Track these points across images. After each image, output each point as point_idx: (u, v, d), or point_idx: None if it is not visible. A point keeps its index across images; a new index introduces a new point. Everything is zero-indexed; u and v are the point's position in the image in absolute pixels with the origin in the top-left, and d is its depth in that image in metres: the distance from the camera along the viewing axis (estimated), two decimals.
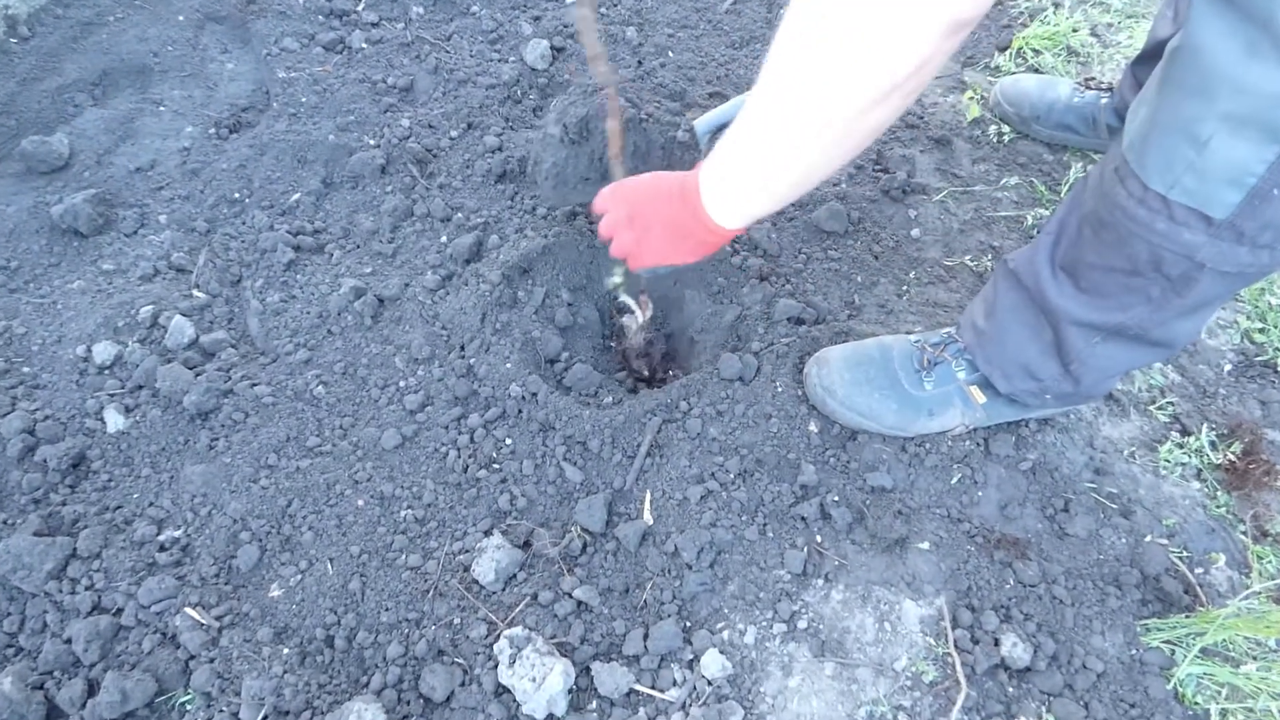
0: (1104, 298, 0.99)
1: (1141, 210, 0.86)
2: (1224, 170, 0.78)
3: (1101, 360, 1.06)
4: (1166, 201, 0.84)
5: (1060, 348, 1.07)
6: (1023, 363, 1.12)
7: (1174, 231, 0.85)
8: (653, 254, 1.03)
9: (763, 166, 0.86)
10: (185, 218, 1.51)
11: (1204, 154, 0.78)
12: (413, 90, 1.74)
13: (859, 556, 1.15)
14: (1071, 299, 1.02)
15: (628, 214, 1.04)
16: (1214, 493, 1.27)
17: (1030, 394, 1.16)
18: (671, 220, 0.99)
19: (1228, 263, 0.85)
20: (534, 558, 1.12)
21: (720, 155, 0.90)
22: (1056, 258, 1.03)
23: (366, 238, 1.49)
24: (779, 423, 1.24)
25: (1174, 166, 0.81)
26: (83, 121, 1.66)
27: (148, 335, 1.33)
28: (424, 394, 1.27)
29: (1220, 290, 0.92)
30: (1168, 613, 1.12)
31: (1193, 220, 0.83)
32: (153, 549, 1.11)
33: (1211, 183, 0.80)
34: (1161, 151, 0.82)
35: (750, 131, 0.85)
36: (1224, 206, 0.80)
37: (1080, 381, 1.10)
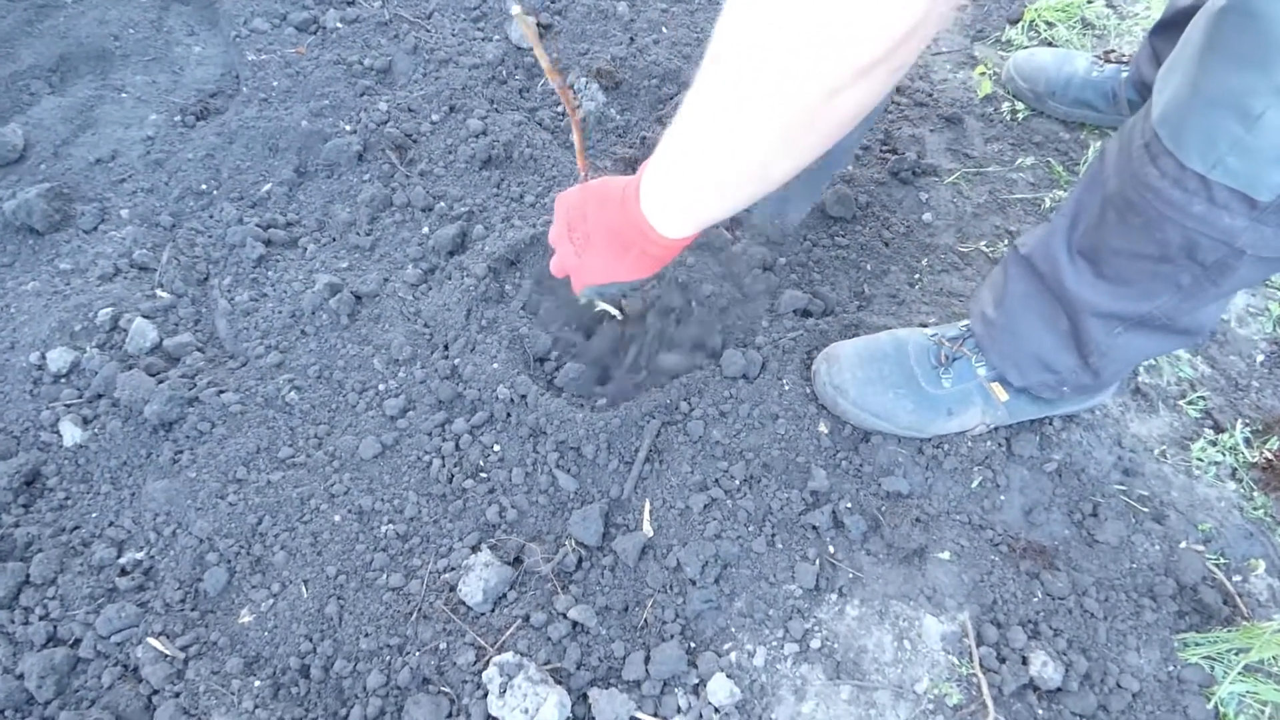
0: (1128, 286, 0.91)
1: (1176, 192, 0.78)
2: (1276, 147, 0.70)
3: (1123, 351, 0.98)
4: (1206, 182, 0.76)
5: (1078, 338, 0.99)
6: (1037, 354, 1.04)
7: (1213, 215, 0.77)
8: (594, 269, 0.88)
9: (713, 161, 0.69)
10: (149, 212, 1.41)
11: (1255, 130, 0.70)
12: (391, 72, 1.63)
13: (875, 568, 1.07)
14: (1091, 287, 0.94)
15: (567, 224, 0.90)
16: (1250, 493, 1.19)
17: (1046, 387, 1.08)
18: (611, 229, 0.84)
19: (1270, 248, 0.77)
20: (525, 575, 1.04)
21: (662, 153, 0.74)
22: (1074, 242, 0.95)
23: (343, 230, 1.39)
24: (786, 424, 1.16)
25: (1217, 144, 0.73)
26: (39, 110, 1.56)
27: (107, 340, 1.23)
28: (405, 398, 1.18)
29: (1256, 276, 0.84)
30: (1206, 625, 1.05)
31: (1234, 203, 0.75)
32: (113, 573, 1.03)
33: (1260, 162, 0.72)
34: (1203, 127, 0.74)
35: (697, 118, 0.68)
36: (1271, 188, 0.72)
37: (1100, 374, 1.03)
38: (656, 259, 0.84)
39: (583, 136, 0.95)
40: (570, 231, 0.89)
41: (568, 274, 0.95)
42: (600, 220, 0.86)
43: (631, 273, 0.86)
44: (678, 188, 0.75)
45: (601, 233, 0.86)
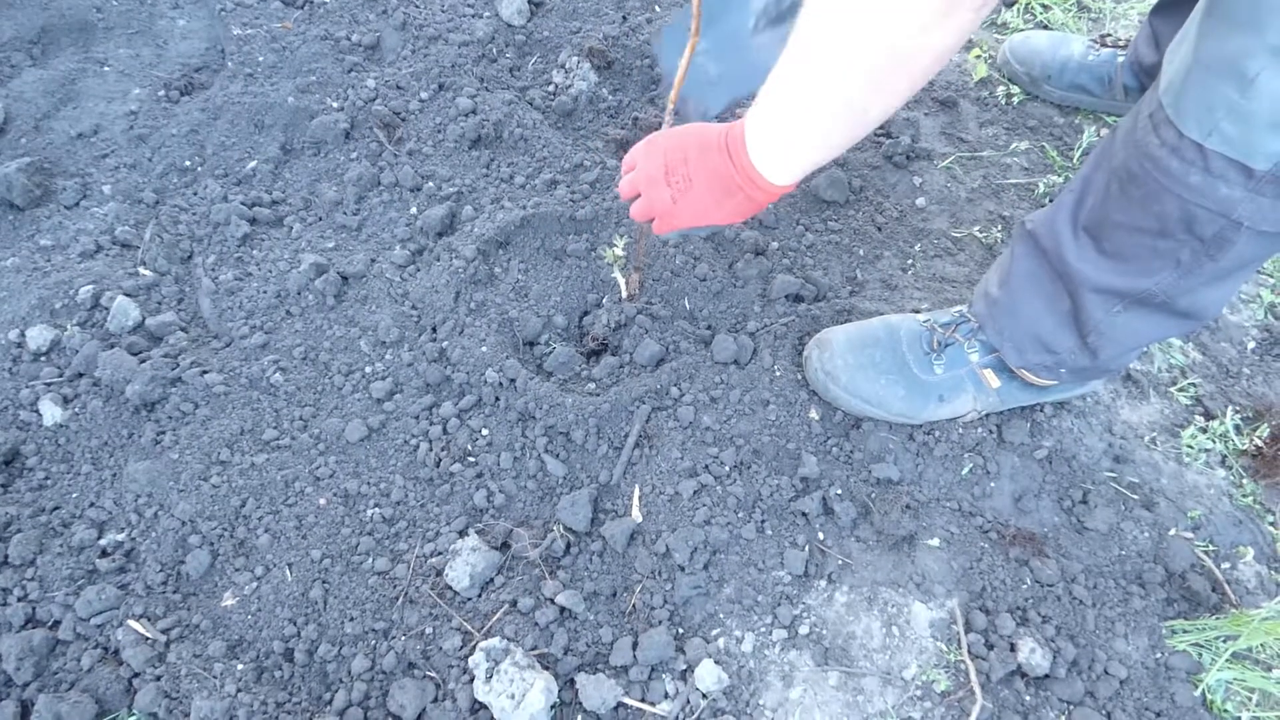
0: (1128, 261, 0.90)
1: (1174, 161, 0.77)
2: (1271, 112, 0.69)
3: (1121, 331, 0.98)
4: (1202, 151, 0.75)
5: (1078, 317, 0.99)
6: (1037, 334, 1.04)
7: (1209, 186, 0.76)
8: (692, 213, 0.90)
9: (813, 105, 0.74)
10: (131, 188, 1.39)
11: (1249, 93, 0.69)
12: (379, 48, 1.60)
13: (864, 555, 1.06)
14: (1092, 263, 0.93)
15: (664, 166, 0.90)
16: (1240, 481, 1.19)
17: (1044, 367, 1.07)
18: (716, 174, 0.86)
19: (1268, 221, 0.77)
20: (513, 560, 1.03)
21: (764, 101, 0.78)
22: (1080, 217, 0.94)
23: (329, 209, 1.37)
24: (777, 410, 1.15)
25: (1214, 109, 0.72)
26: (19, 83, 1.52)
27: (88, 318, 1.21)
28: (392, 381, 1.16)
29: (1257, 253, 0.83)
30: (1195, 613, 1.05)
31: (1231, 172, 0.74)
32: (93, 554, 1.01)
33: (1255, 128, 0.71)
34: (1201, 92, 0.73)
35: (796, 64, 0.73)
36: (1267, 157, 0.72)
37: (1098, 355, 1.02)
38: (757, 204, 0.87)
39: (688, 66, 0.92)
40: (668, 174, 0.89)
41: (652, 217, 0.94)
42: (703, 165, 0.87)
43: (730, 217, 0.89)
44: (783, 133, 0.79)
45: (705, 177, 0.87)
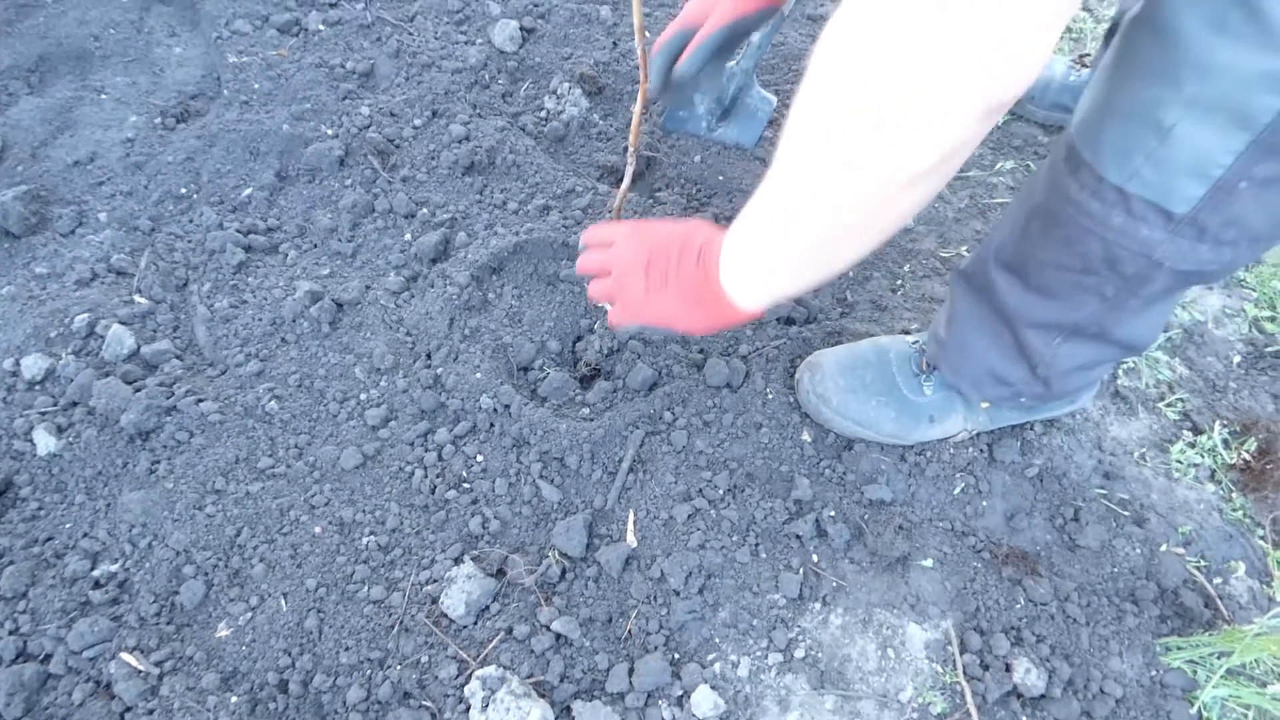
0: (1055, 297, 0.91)
1: (1096, 204, 0.78)
2: (1188, 160, 0.71)
3: (1065, 361, 0.99)
4: (1124, 194, 0.76)
5: (1023, 351, 1.00)
6: (988, 369, 1.04)
7: (1131, 227, 0.78)
8: (660, 312, 0.90)
9: (784, 247, 0.75)
10: (127, 215, 1.39)
11: (1166, 142, 0.71)
12: (373, 75, 1.62)
13: (858, 577, 1.07)
14: (1022, 299, 0.95)
15: (649, 258, 0.89)
16: (1230, 495, 1.20)
17: (1003, 399, 1.08)
18: (692, 283, 0.86)
19: (1187, 261, 0.78)
20: (508, 587, 1.03)
21: (743, 228, 0.79)
22: (1005, 257, 0.96)
23: (324, 236, 1.38)
24: (770, 433, 1.15)
25: (1132, 156, 0.74)
26: (17, 111, 1.53)
27: (83, 346, 1.21)
28: (387, 407, 1.17)
29: (1176, 286, 0.85)
30: (1188, 629, 1.05)
31: (1151, 215, 0.76)
32: (86, 586, 1.01)
33: (1173, 174, 0.72)
34: (1118, 140, 0.75)
35: (769, 215, 0.75)
36: (1186, 200, 0.73)
37: (1050, 384, 1.03)
38: (724, 322, 0.88)
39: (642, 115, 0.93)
40: (649, 267, 0.89)
41: (610, 299, 0.94)
42: (682, 269, 0.87)
43: (695, 327, 0.90)
44: (756, 265, 0.80)
45: (682, 281, 0.87)
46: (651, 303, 0.90)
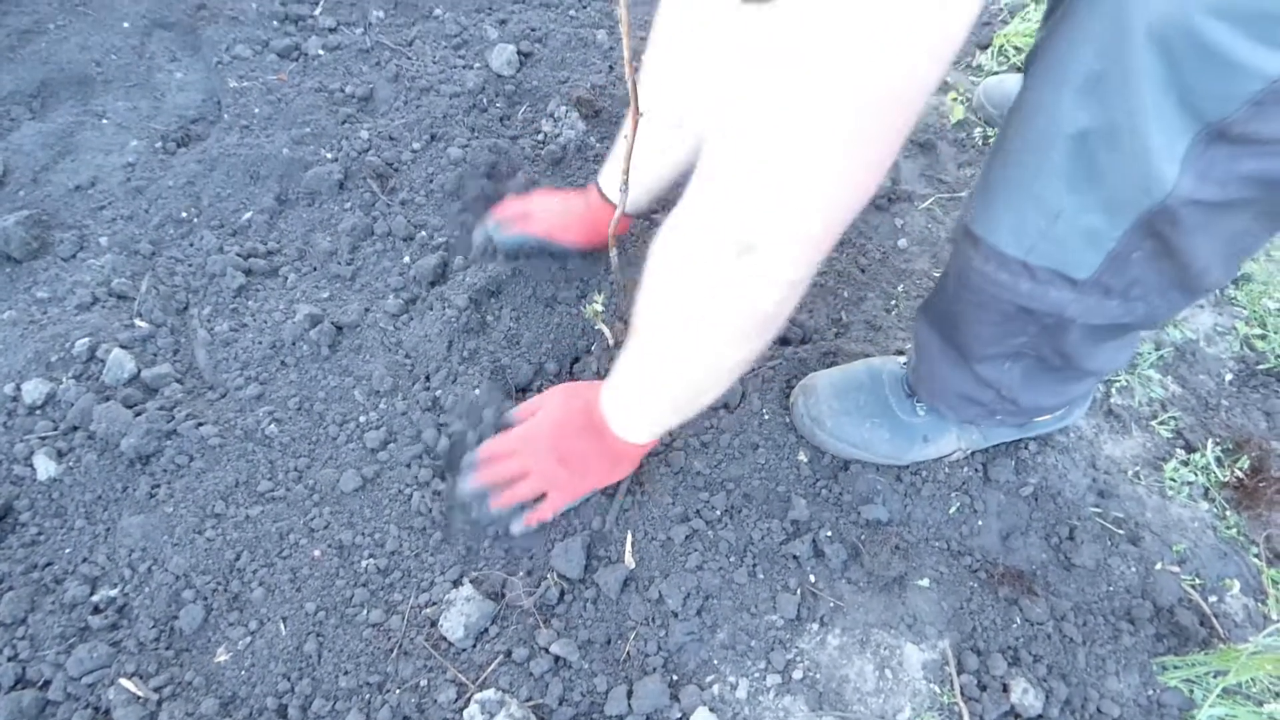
0: (985, 343, 0.94)
1: (1003, 274, 0.81)
2: (1080, 239, 0.74)
3: (1020, 380, 1.00)
4: (1027, 265, 0.79)
5: (980, 379, 1.02)
6: (959, 393, 1.06)
7: (1039, 291, 0.81)
8: (589, 485, 1.05)
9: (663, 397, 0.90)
10: (128, 240, 1.41)
11: (1056, 224, 0.74)
12: (372, 99, 1.64)
13: (856, 597, 1.07)
14: (956, 342, 0.98)
15: (556, 453, 1.01)
16: (1224, 513, 1.21)
17: (981, 418, 1.10)
18: (600, 451, 1.00)
19: (1098, 316, 0.81)
20: (507, 609, 1.04)
21: (620, 386, 0.94)
22: (931, 309, 1.00)
23: (323, 259, 1.39)
24: (767, 453, 1.16)
25: (1028, 234, 0.77)
26: (18, 136, 1.55)
27: (84, 370, 1.22)
28: (386, 430, 1.18)
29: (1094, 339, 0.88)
30: (1184, 648, 1.06)
31: (1056, 280, 0.79)
32: (85, 611, 1.01)
33: (1069, 249, 0.76)
34: (1012, 222, 0.78)
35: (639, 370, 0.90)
36: (1086, 268, 0.76)
37: (1019, 402, 1.04)
38: (632, 461, 1.04)
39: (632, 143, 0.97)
40: (563, 459, 1.01)
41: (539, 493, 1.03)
42: (589, 447, 1.00)
43: (616, 478, 1.06)
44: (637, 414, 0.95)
45: (595, 457, 1.01)
46: (583, 483, 1.04)
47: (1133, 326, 0.86)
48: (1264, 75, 0.57)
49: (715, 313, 0.75)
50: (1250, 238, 0.74)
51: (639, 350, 0.88)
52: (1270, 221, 0.72)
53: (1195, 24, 0.56)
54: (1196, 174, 0.64)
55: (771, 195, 0.64)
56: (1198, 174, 0.64)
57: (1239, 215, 0.69)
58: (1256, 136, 0.61)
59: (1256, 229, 0.72)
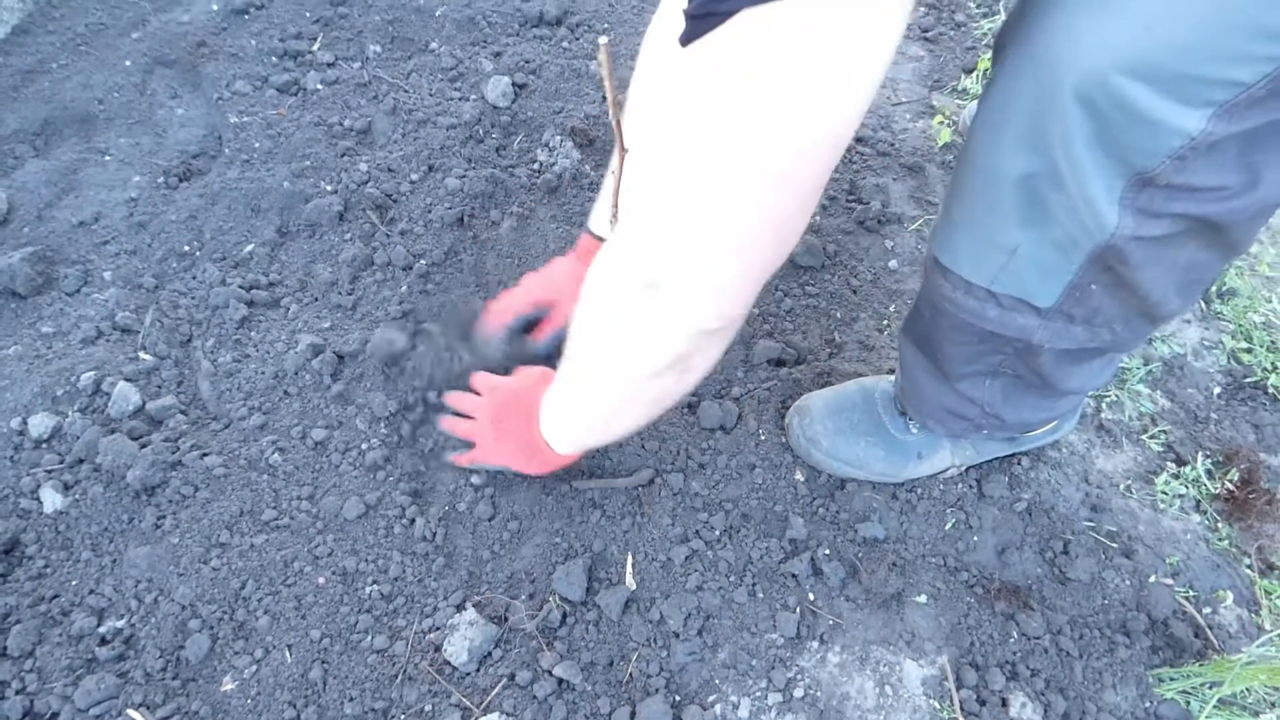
0: (962, 363, 0.97)
1: (971, 301, 0.84)
2: (1038, 272, 0.77)
3: (1000, 396, 1.02)
4: (992, 293, 0.82)
5: (962, 395, 1.04)
6: (944, 408, 1.08)
7: (1007, 317, 0.83)
8: (501, 457, 1.10)
9: (575, 413, 0.96)
10: (131, 274, 1.43)
11: (1015, 258, 0.77)
12: (371, 132, 1.67)
13: (854, 614, 1.09)
14: (934, 359, 1.00)
15: (494, 415, 1.11)
16: (1215, 525, 1.23)
17: (969, 432, 1.11)
18: (523, 437, 1.06)
19: (1066, 341, 0.84)
20: (510, 633, 1.05)
21: (551, 395, 1.00)
22: (910, 331, 1.03)
23: (324, 289, 1.41)
24: (764, 473, 1.18)
25: (989, 265, 0.80)
26: (23, 174, 1.58)
27: (89, 404, 1.24)
28: (388, 456, 1.19)
29: (1064, 362, 0.90)
30: (1180, 660, 1.07)
31: (1021, 307, 0.82)
32: (92, 643, 1.02)
33: (1029, 280, 0.78)
34: (974, 254, 0.81)
35: (565, 386, 0.96)
36: (1047, 297, 0.79)
37: (1002, 417, 1.06)
38: (552, 464, 1.07)
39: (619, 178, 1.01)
40: (497, 422, 1.10)
41: (470, 439, 1.13)
42: (517, 427, 1.07)
43: (526, 469, 1.10)
44: (558, 427, 1.00)
45: (516, 435, 1.07)
46: (497, 449, 1.10)
47: (1104, 350, 0.89)
48: (1183, 132, 0.60)
49: (624, 345, 0.78)
50: (1202, 267, 0.77)
51: (565, 369, 0.93)
52: (1217, 251, 0.75)
53: (1114, 84, 0.59)
54: (1135, 213, 0.67)
55: (678, 237, 0.67)
56: (1136, 213, 0.67)
57: (1185, 247, 0.72)
58: (1185, 185, 0.64)
59: (1206, 258, 0.75)
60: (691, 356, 0.77)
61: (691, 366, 0.79)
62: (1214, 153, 0.61)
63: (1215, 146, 0.61)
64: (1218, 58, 0.56)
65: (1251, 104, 0.58)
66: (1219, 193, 0.65)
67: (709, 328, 0.73)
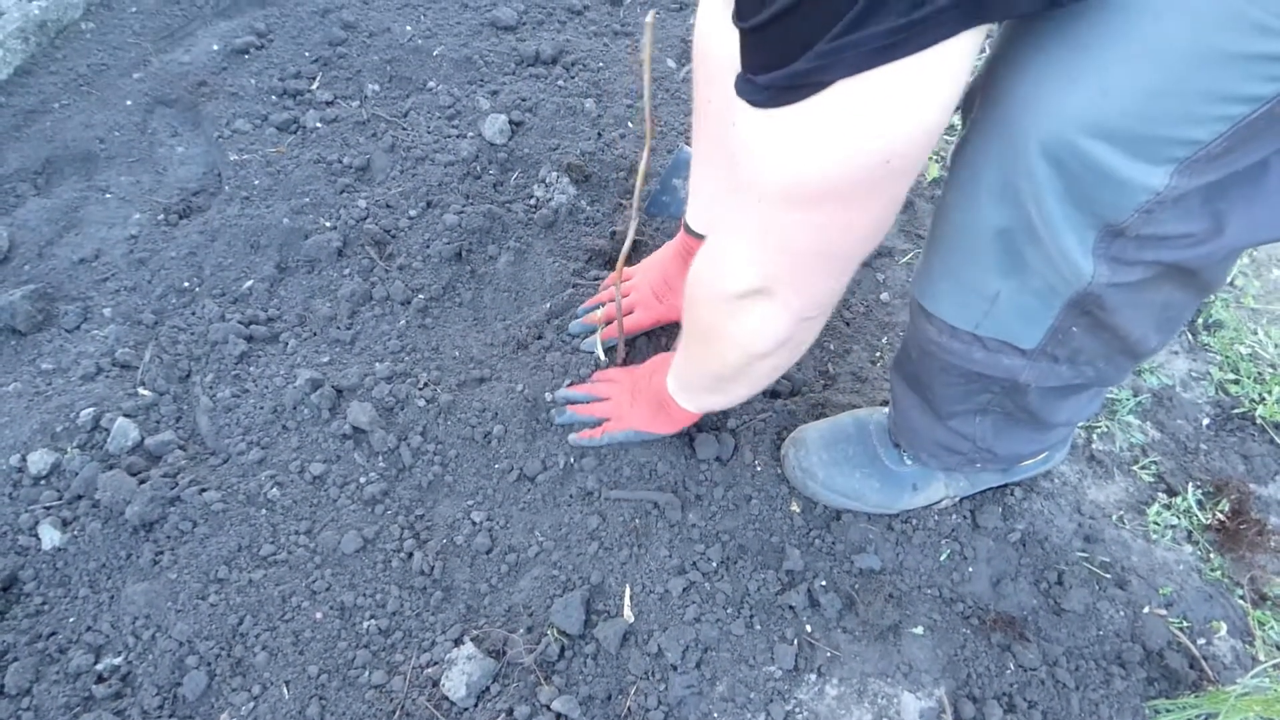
0: (952, 401, 0.99)
1: (956, 344, 0.86)
2: (1020, 317, 0.80)
3: (990, 431, 1.03)
4: (977, 336, 0.84)
5: (953, 430, 1.05)
6: (937, 442, 1.09)
7: (992, 360, 0.86)
8: (635, 420, 1.20)
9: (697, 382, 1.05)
10: (131, 310, 1.44)
11: (997, 304, 0.80)
12: (369, 169, 1.70)
13: (852, 646, 1.09)
14: (924, 397, 1.02)
15: (631, 387, 1.23)
16: (1207, 555, 1.24)
17: (962, 465, 1.13)
18: (654, 397, 1.16)
19: (1051, 379, 0.86)
20: (508, 667, 1.05)
21: (674, 365, 1.10)
22: (900, 370, 1.05)
23: (323, 324, 1.43)
24: (760, 504, 1.19)
25: (972, 311, 0.82)
26: (24, 212, 1.59)
27: (88, 440, 1.24)
28: (385, 490, 1.20)
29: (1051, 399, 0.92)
30: (1175, 691, 1.08)
31: (1006, 349, 0.84)
32: (89, 680, 1.02)
33: (1011, 324, 0.81)
34: (956, 300, 0.83)
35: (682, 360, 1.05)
36: (1030, 339, 0.82)
37: (994, 450, 1.07)
38: (678, 421, 1.17)
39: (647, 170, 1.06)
40: (636, 393, 1.22)
41: (607, 416, 1.23)
42: (649, 391, 1.18)
43: (657, 428, 1.19)
44: (681, 387, 1.09)
45: (648, 397, 1.18)
46: (632, 413, 1.20)
47: (1088, 386, 0.91)
48: (1148, 188, 0.62)
49: (736, 338, 0.85)
50: (1178, 306, 0.79)
51: (682, 344, 1.03)
52: (1191, 292, 0.77)
53: (1079, 144, 0.62)
54: (1109, 262, 0.70)
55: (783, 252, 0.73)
56: (1110, 261, 0.70)
57: (1160, 289, 0.75)
58: (1154, 235, 0.67)
59: (1181, 298, 0.78)
60: (796, 338, 0.84)
61: (800, 344, 0.88)
62: (1179, 205, 0.64)
63: (1180, 199, 0.63)
64: (1173, 120, 0.59)
65: (1211, 159, 0.60)
66: (1187, 239, 0.67)
67: (808, 315, 0.80)
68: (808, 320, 0.81)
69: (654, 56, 1.54)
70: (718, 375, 0.96)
